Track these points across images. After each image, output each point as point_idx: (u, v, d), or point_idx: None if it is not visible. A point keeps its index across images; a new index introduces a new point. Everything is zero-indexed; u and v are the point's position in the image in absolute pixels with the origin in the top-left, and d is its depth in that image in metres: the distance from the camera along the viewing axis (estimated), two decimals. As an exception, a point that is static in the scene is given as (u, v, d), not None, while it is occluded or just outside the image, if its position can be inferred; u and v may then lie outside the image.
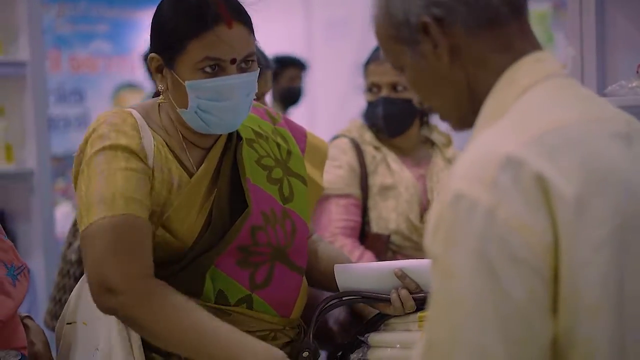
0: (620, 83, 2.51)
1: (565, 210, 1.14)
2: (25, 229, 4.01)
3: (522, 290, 1.12)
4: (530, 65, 1.28)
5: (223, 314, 1.93)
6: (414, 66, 1.32)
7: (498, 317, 1.12)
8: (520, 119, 1.22)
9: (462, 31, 1.28)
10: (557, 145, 1.17)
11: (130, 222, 1.81)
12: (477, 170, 1.16)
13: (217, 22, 1.86)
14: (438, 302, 1.17)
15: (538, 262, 1.13)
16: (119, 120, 1.91)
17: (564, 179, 1.15)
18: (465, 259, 1.13)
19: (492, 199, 1.13)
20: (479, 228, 1.13)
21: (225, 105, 1.90)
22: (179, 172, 1.94)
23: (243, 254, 1.96)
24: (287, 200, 2.04)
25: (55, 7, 6.85)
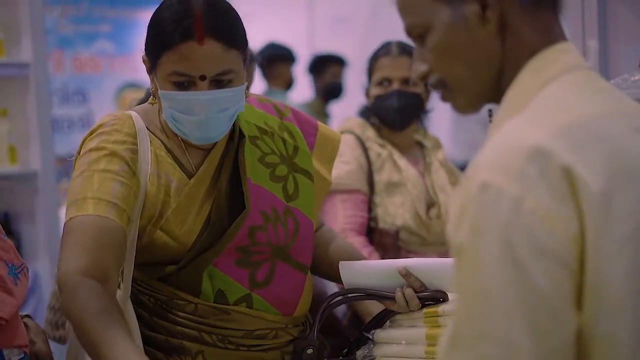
0: (623, 77, 2.51)
1: (592, 203, 1.12)
2: (29, 230, 4.01)
3: (548, 281, 1.11)
4: (556, 55, 1.26)
5: (222, 313, 1.94)
6: (448, 28, 1.26)
7: (524, 308, 1.10)
8: (547, 110, 1.21)
9: (516, 3, 1.24)
10: (583, 139, 1.16)
11: (94, 222, 1.79)
12: (503, 160, 1.15)
13: (188, 38, 1.82)
14: (464, 293, 1.15)
15: (564, 253, 1.12)
16: (117, 124, 1.93)
17: (590, 172, 1.13)
18: (491, 249, 1.12)
19: (518, 189, 1.12)
20: (505, 218, 1.11)
21: (195, 119, 1.88)
22: (177, 174, 1.94)
23: (242, 254, 1.96)
24: (291, 198, 2.04)
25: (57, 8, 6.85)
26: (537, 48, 1.26)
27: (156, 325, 1.95)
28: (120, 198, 1.83)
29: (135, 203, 1.87)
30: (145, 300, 1.96)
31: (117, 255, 1.80)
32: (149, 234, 1.91)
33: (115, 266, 1.80)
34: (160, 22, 1.87)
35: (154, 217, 1.91)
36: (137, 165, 1.90)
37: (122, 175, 1.86)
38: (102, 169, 1.85)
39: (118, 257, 1.81)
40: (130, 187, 1.86)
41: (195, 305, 1.94)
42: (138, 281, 1.97)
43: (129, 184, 1.86)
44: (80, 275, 1.73)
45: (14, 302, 1.90)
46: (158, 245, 1.92)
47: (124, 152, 1.88)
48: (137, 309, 1.96)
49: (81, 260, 1.75)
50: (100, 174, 1.85)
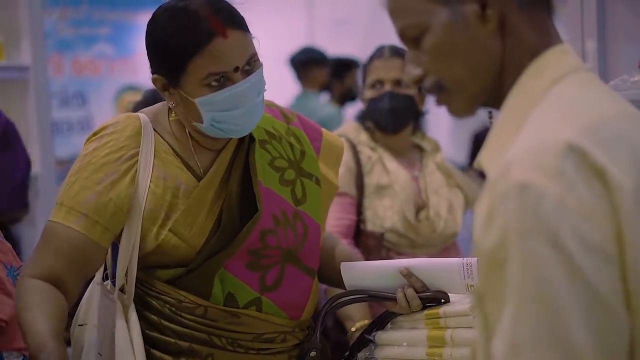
0: (622, 77, 2.51)
1: (626, 201, 1.11)
2: (29, 233, 4.01)
3: (602, 277, 1.08)
4: (557, 56, 1.25)
5: (232, 316, 1.94)
6: (446, 27, 1.24)
7: (582, 307, 1.07)
8: (567, 109, 1.19)
9: (515, 3, 1.23)
10: (609, 138, 1.15)
11: (59, 231, 1.88)
12: (538, 158, 1.12)
13: (212, 36, 1.84)
14: (515, 297, 1.10)
15: (611, 249, 1.10)
16: (118, 128, 1.94)
17: (621, 171, 1.12)
18: (541, 251, 1.08)
19: (559, 187, 1.09)
20: (551, 218, 1.08)
21: (239, 112, 1.90)
22: (186, 176, 1.95)
23: (253, 257, 1.97)
24: (300, 203, 2.04)
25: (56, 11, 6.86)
26: (537, 49, 1.25)
27: (165, 328, 1.95)
28: (91, 209, 1.88)
29: (116, 213, 1.89)
30: (154, 303, 1.96)
31: (73, 264, 1.87)
32: (157, 236, 1.92)
33: (69, 273, 1.87)
34: (172, 36, 1.87)
35: (160, 219, 1.91)
36: (135, 170, 1.91)
37: (103, 186, 1.89)
38: (85, 177, 1.90)
39: (75, 265, 1.88)
40: (110, 199, 1.89)
41: (205, 308, 1.94)
42: (146, 284, 1.97)
43: (108, 194, 1.89)
44: (27, 277, 1.85)
45: (13, 304, 1.90)
46: (167, 247, 1.92)
47: (115, 162, 1.90)
48: (145, 312, 1.96)
49: (34, 266, 1.87)
50: (82, 182, 1.90)
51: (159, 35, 1.90)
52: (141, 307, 1.96)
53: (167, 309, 1.95)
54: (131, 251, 1.92)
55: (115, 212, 1.89)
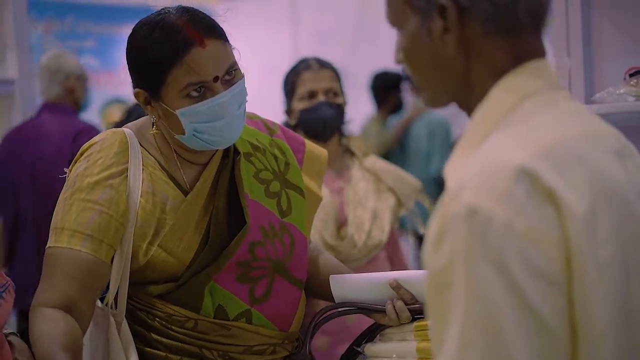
0: (608, 90, 2.52)
1: (576, 226, 1.10)
2: (16, 246, 3.99)
3: (547, 304, 1.08)
4: (529, 73, 1.24)
5: (222, 329, 1.94)
6: (412, 36, 1.26)
7: (525, 332, 1.07)
8: (527, 130, 1.18)
9: (479, 29, 1.22)
10: (565, 160, 1.14)
11: (66, 255, 1.86)
12: (489, 181, 1.11)
13: (190, 46, 1.84)
14: (459, 321, 1.10)
15: (559, 276, 1.09)
16: (105, 144, 1.93)
17: (574, 195, 1.11)
18: (487, 275, 1.08)
19: (508, 211, 1.08)
20: (497, 243, 1.08)
21: (220, 123, 1.89)
22: (172, 191, 1.95)
23: (242, 269, 1.97)
24: (285, 214, 2.04)
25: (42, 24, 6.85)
26: (507, 68, 1.24)
27: (155, 342, 1.95)
28: (96, 229, 1.87)
29: (118, 229, 1.89)
30: (144, 317, 1.96)
31: (85, 286, 1.86)
32: (146, 252, 1.91)
33: (81, 296, 1.86)
34: (150, 49, 1.87)
35: (149, 235, 1.91)
36: (126, 185, 1.91)
37: (101, 204, 1.88)
38: (82, 198, 1.89)
39: (87, 287, 1.87)
40: (111, 216, 1.88)
41: (195, 321, 1.94)
42: (135, 298, 1.97)
43: (108, 212, 1.88)
44: (42, 307, 1.84)
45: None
46: (156, 263, 1.92)
47: (107, 180, 1.90)
48: (136, 327, 1.96)
49: (47, 293, 1.85)
50: (80, 203, 1.88)
51: (137, 49, 1.90)
52: (131, 321, 1.96)
53: (157, 322, 1.95)
54: (122, 268, 1.92)
55: (117, 228, 1.89)
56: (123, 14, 7.10)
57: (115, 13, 7.25)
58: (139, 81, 1.92)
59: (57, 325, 1.81)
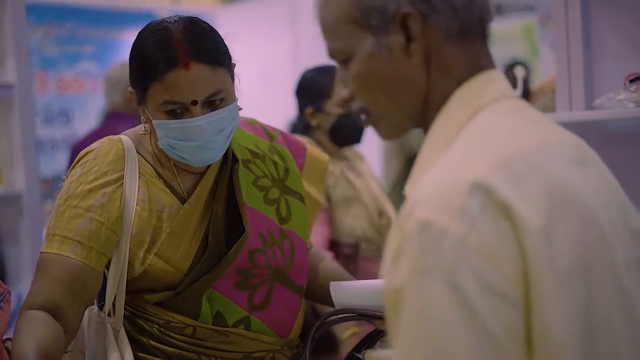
0: (608, 95, 2.51)
1: (532, 240, 1.08)
2: (14, 251, 3.98)
3: (499, 322, 1.05)
4: (483, 84, 1.22)
5: (221, 336, 1.94)
6: (370, 57, 1.22)
7: (475, 351, 1.04)
8: (481, 142, 1.16)
9: (440, 34, 1.21)
10: (521, 172, 1.12)
11: (55, 261, 1.86)
12: (443, 196, 1.09)
13: (173, 65, 1.82)
14: (409, 340, 1.08)
15: (513, 292, 1.07)
16: (101, 152, 1.93)
17: (530, 208, 1.09)
18: (437, 292, 1.05)
19: (461, 227, 1.06)
20: (450, 258, 1.06)
21: (193, 144, 1.88)
22: (169, 199, 1.94)
23: (242, 276, 1.96)
24: (285, 221, 2.04)
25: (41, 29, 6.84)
26: (463, 78, 1.22)
27: (154, 349, 1.94)
28: (86, 236, 1.87)
29: (109, 236, 1.89)
30: (142, 324, 1.95)
31: (72, 291, 1.85)
32: (143, 260, 1.91)
33: (68, 302, 1.85)
34: (143, 55, 1.86)
35: (146, 243, 1.90)
36: (121, 193, 1.90)
37: (93, 211, 1.88)
38: (75, 205, 1.89)
39: (73, 293, 1.86)
40: (102, 223, 1.88)
41: (194, 328, 1.93)
42: (134, 306, 1.96)
43: (99, 219, 1.88)
44: (25, 309, 1.84)
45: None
46: (154, 271, 1.91)
47: (101, 188, 1.89)
48: (134, 334, 1.95)
49: (33, 297, 1.86)
50: (72, 210, 1.88)
51: (134, 51, 1.90)
52: (130, 329, 1.95)
53: (155, 329, 1.94)
54: (119, 277, 1.91)
55: (108, 236, 1.88)
56: (122, 19, 7.10)
57: (114, 18, 7.25)
58: (131, 81, 1.93)
59: (37, 324, 1.81)
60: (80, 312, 1.90)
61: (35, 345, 1.75)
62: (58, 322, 1.84)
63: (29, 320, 1.82)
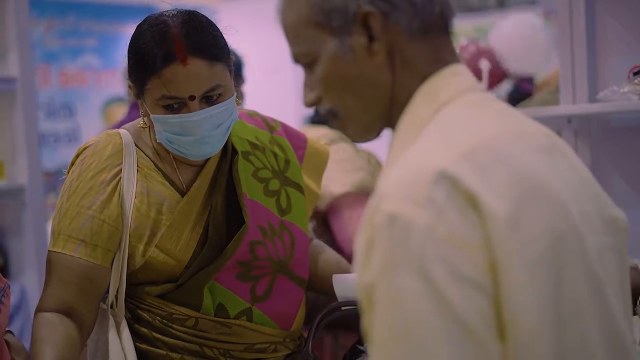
0: (612, 88, 2.51)
1: (498, 229, 1.07)
2: (17, 245, 3.99)
3: (472, 311, 1.05)
4: (447, 78, 1.22)
5: (223, 327, 1.94)
6: (334, 59, 1.22)
7: (450, 342, 1.04)
8: (446, 133, 1.16)
9: (401, 32, 1.20)
10: (486, 162, 1.12)
11: (62, 261, 1.89)
12: (408, 188, 1.09)
13: (171, 60, 1.82)
14: (383, 334, 1.07)
15: (482, 279, 1.06)
16: (99, 147, 1.94)
17: (495, 197, 1.09)
18: (408, 283, 1.04)
19: (428, 216, 1.06)
20: (419, 248, 1.05)
21: (190, 139, 1.88)
22: (169, 192, 1.94)
23: (243, 268, 1.96)
24: (285, 212, 2.04)
25: (44, 22, 6.84)
26: (428, 74, 1.22)
27: (156, 340, 1.95)
28: (88, 235, 1.89)
29: (113, 233, 1.90)
30: (145, 316, 1.96)
31: (82, 290, 1.89)
32: (143, 253, 1.91)
33: (80, 301, 1.89)
34: (140, 49, 1.86)
35: (146, 236, 1.91)
36: (119, 188, 1.91)
37: (94, 209, 1.90)
38: (77, 204, 1.91)
39: (84, 292, 1.89)
40: (103, 220, 1.90)
41: (195, 319, 1.94)
42: (137, 298, 1.97)
43: (100, 217, 1.89)
44: (41, 312, 1.89)
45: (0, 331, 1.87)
46: (155, 264, 1.92)
47: (100, 185, 1.91)
48: (136, 325, 1.96)
49: (46, 300, 1.90)
50: (75, 208, 1.90)
51: (132, 45, 1.90)
52: (132, 320, 1.96)
53: (157, 321, 1.94)
54: (120, 269, 1.92)
55: (111, 232, 1.90)
56: (124, 13, 7.10)
57: (116, 11, 7.25)
58: (130, 75, 1.93)
59: (53, 328, 1.84)
60: (94, 307, 1.93)
61: (52, 350, 1.79)
62: (73, 321, 1.87)
63: (44, 324, 1.86)
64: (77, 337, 1.86)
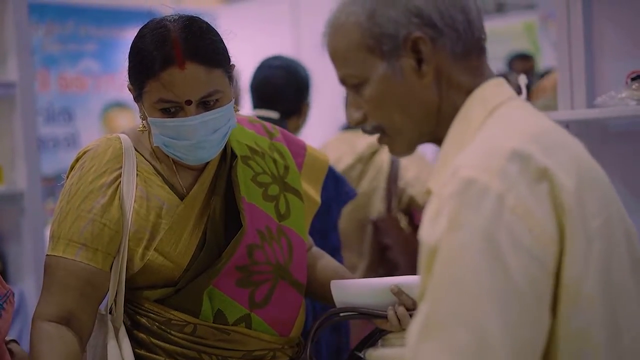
0: (609, 94, 2.52)
1: (569, 200, 1.19)
2: (16, 250, 3.98)
3: (524, 277, 1.14)
4: (494, 88, 1.34)
5: (222, 334, 1.94)
6: (385, 80, 1.32)
7: (499, 299, 1.13)
8: (508, 124, 1.28)
9: (447, 55, 1.31)
10: (551, 145, 1.24)
11: (63, 265, 1.89)
12: (485, 160, 1.19)
13: (168, 63, 1.82)
14: (440, 281, 1.16)
15: (542, 253, 1.16)
16: (99, 151, 1.94)
17: (564, 173, 1.20)
18: (472, 240, 1.14)
19: (502, 185, 1.16)
20: (489, 211, 1.15)
21: (186, 144, 1.88)
22: (168, 196, 1.94)
23: (242, 273, 1.96)
24: (284, 218, 2.04)
25: (43, 27, 6.85)
26: (472, 88, 1.33)
27: (154, 346, 1.95)
28: (89, 238, 1.89)
29: (113, 237, 1.90)
30: (143, 321, 1.96)
31: (83, 295, 1.89)
32: (142, 256, 1.91)
33: (81, 307, 1.89)
34: (140, 52, 1.87)
35: (145, 240, 1.91)
36: (119, 192, 1.91)
37: (94, 213, 1.90)
38: (77, 207, 1.90)
39: (85, 296, 1.90)
40: (104, 224, 1.90)
41: (194, 325, 1.93)
42: (135, 303, 1.97)
43: (101, 221, 1.89)
44: (40, 320, 1.88)
45: (0, 337, 1.87)
46: (153, 267, 1.92)
47: (100, 188, 1.91)
48: (135, 331, 1.96)
49: (46, 306, 1.89)
50: (75, 212, 1.90)
51: (133, 48, 1.91)
52: (130, 326, 1.96)
53: (156, 326, 1.94)
54: (119, 273, 1.92)
55: (112, 236, 1.90)
56: (124, 18, 7.10)
57: (116, 16, 7.25)
58: (129, 77, 1.93)
59: (53, 345, 1.84)
60: (94, 313, 1.93)
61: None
62: (73, 329, 1.87)
63: (44, 339, 1.85)
64: (77, 352, 1.86)
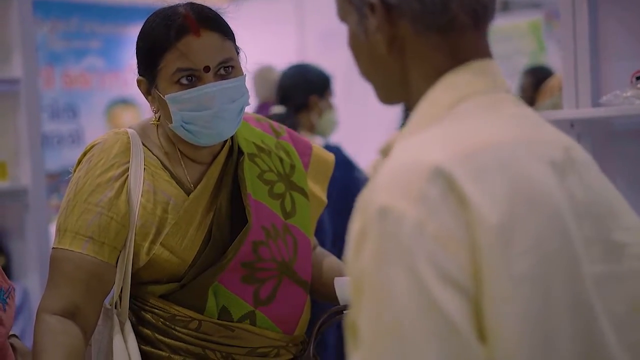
0: (614, 93, 2.51)
1: (487, 237, 1.05)
2: (20, 246, 3.99)
3: (456, 310, 1.03)
4: (471, 73, 1.20)
5: (226, 330, 1.94)
6: (354, 34, 1.26)
7: (437, 338, 1.02)
8: (453, 130, 1.14)
9: (409, 27, 1.19)
10: (486, 165, 1.09)
11: (69, 258, 1.89)
12: (402, 181, 1.07)
13: (184, 32, 1.86)
14: (370, 326, 1.06)
15: (466, 281, 1.04)
16: (107, 145, 1.94)
17: (489, 203, 1.06)
18: (397, 278, 1.03)
19: (420, 212, 1.04)
20: (408, 243, 1.04)
21: (207, 114, 1.89)
22: (175, 191, 1.95)
23: (247, 270, 1.96)
24: (289, 216, 2.04)
25: (47, 24, 6.85)
26: (445, 68, 1.20)
27: (159, 342, 1.95)
28: (96, 232, 1.89)
29: (120, 231, 1.91)
30: (148, 316, 1.96)
31: (89, 288, 1.89)
32: (148, 251, 1.92)
33: (85, 300, 1.89)
34: (151, 33, 1.90)
35: (151, 234, 1.91)
36: (126, 185, 1.92)
37: (102, 206, 1.90)
38: (84, 201, 1.91)
39: (91, 290, 1.89)
40: (111, 218, 1.90)
41: (199, 322, 1.94)
42: (140, 299, 1.97)
43: (108, 214, 1.90)
44: (45, 313, 1.88)
45: (3, 331, 1.86)
46: (159, 262, 1.92)
47: (108, 182, 1.91)
48: (139, 326, 1.96)
49: (51, 299, 1.89)
50: (82, 205, 1.90)
51: (141, 34, 1.93)
52: (135, 322, 1.97)
53: (161, 322, 1.95)
54: (125, 267, 1.92)
55: (118, 230, 1.90)
56: (128, 14, 7.11)
57: (120, 13, 7.26)
58: (140, 67, 1.95)
59: (57, 339, 1.84)
60: (99, 306, 1.93)
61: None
62: (78, 323, 1.87)
63: (48, 332, 1.85)
64: (81, 347, 1.86)
